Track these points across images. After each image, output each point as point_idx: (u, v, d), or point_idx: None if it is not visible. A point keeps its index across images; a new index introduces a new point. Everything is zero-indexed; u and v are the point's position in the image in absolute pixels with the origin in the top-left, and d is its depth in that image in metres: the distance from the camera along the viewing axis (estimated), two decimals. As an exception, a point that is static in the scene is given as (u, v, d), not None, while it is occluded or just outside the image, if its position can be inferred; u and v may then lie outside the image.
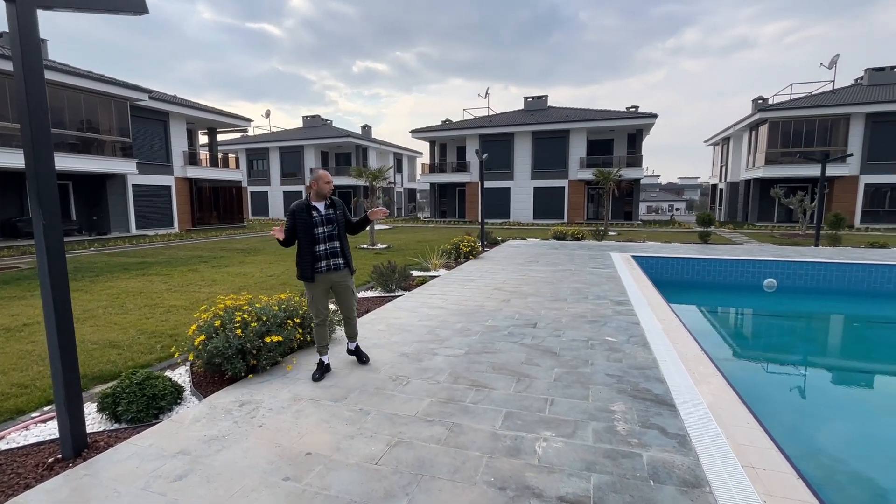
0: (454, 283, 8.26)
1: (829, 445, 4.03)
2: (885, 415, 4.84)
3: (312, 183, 3.91)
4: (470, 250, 11.37)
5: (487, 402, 3.38)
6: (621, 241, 16.81)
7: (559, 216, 29.85)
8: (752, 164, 28.62)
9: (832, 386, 5.81)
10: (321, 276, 3.88)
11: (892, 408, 5.07)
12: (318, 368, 3.96)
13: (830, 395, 5.40)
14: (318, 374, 3.90)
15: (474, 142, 31.23)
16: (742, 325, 9.04)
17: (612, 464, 2.58)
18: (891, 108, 24.62)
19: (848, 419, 4.75)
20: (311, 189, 3.91)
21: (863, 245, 14.87)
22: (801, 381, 5.88)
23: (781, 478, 2.44)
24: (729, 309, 10.23)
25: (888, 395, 5.63)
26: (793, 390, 5.57)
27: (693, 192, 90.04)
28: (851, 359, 6.98)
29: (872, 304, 9.77)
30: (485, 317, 5.86)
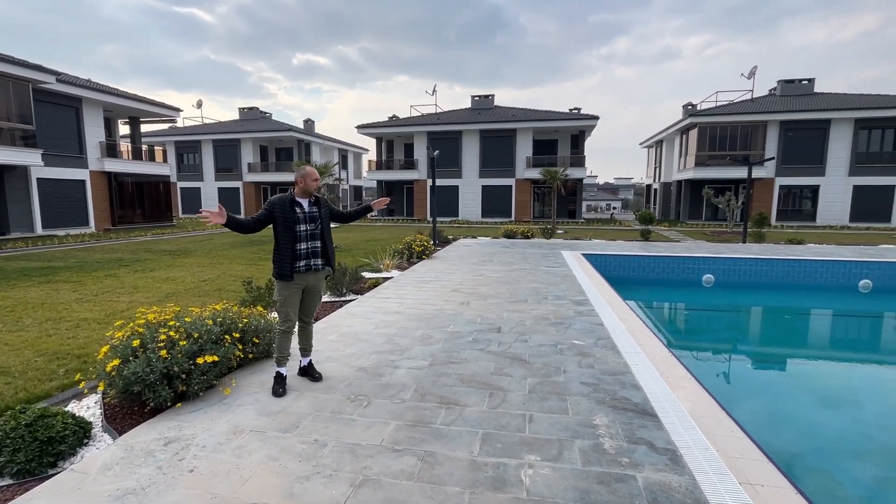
0: (409, 285, 7.85)
1: (797, 434, 4.09)
2: (837, 398, 5.06)
3: (299, 180, 3.59)
4: (423, 250, 11.00)
5: (461, 423, 3.04)
6: (569, 239, 17.15)
7: (507, 215, 30.19)
8: (683, 166, 30.48)
9: (785, 373, 6.05)
10: (299, 276, 3.54)
11: (839, 392, 5.33)
12: (279, 382, 3.52)
13: (786, 383, 5.60)
14: (281, 389, 3.48)
15: (422, 139, 30.83)
16: (694, 321, 9.37)
17: (608, 491, 2.32)
18: (800, 117, 27.13)
19: (808, 406, 4.90)
20: (297, 186, 3.60)
21: (783, 241, 16.13)
22: (760, 373, 6.08)
23: (781, 494, 2.30)
24: (678, 305, 10.62)
25: (832, 380, 5.94)
26: (756, 383, 5.72)
27: (627, 191, 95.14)
28: (795, 347, 7.37)
29: (799, 296, 10.51)
30: (445, 322, 5.52)
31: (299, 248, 3.52)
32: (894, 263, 10.82)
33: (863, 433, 4.33)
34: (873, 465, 3.76)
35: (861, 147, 27.15)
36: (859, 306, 9.95)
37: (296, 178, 3.62)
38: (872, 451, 3.99)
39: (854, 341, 8.05)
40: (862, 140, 27.17)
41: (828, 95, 30.15)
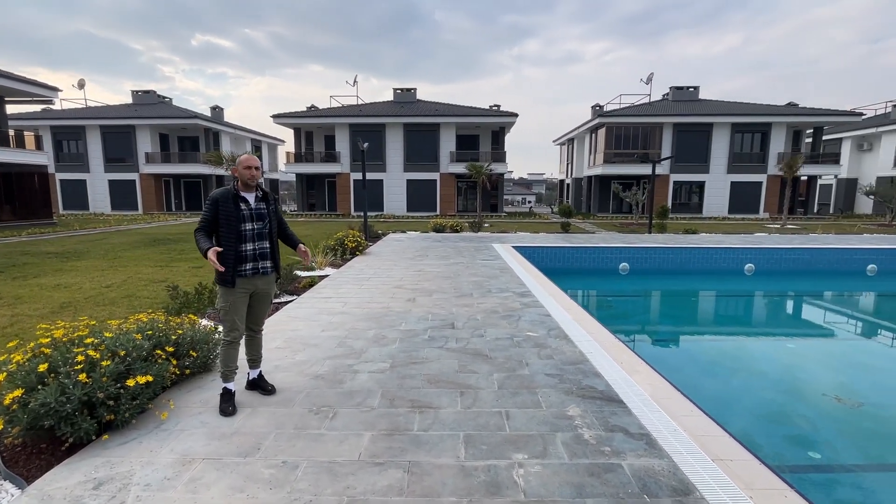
0: (348, 282, 7.50)
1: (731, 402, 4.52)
2: (750, 367, 5.70)
3: (234, 170, 3.18)
4: (356, 246, 10.60)
5: (439, 427, 2.92)
6: (496, 232, 17.61)
7: (432, 209, 30.27)
8: (593, 163, 32.76)
9: (709, 348, 6.70)
10: (244, 281, 3.14)
11: (748, 361, 6.02)
12: (227, 399, 3.13)
13: (710, 357, 6.20)
14: (231, 407, 3.10)
15: (344, 131, 29.75)
16: (622, 307, 10.06)
17: (600, 483, 2.35)
18: (689, 121, 30.42)
19: (731, 375, 5.46)
20: (234, 177, 3.19)
21: (681, 231, 18.00)
22: (691, 350, 6.67)
23: (748, 466, 2.49)
24: (605, 292, 11.34)
25: (740, 351, 6.70)
26: (689, 360, 6.25)
27: (540, 186, 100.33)
28: (705, 325, 8.21)
29: (699, 279, 11.78)
30: (396, 320, 5.33)
31: (245, 249, 3.13)
32: (771, 249, 12.56)
33: (769, 395, 4.93)
34: (789, 419, 4.29)
35: (736, 148, 31.14)
36: (746, 286, 11.38)
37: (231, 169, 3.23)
38: (782, 406, 4.56)
39: (745, 316, 9.20)
40: (737, 142, 31.16)
41: (710, 102, 34.14)
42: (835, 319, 8.82)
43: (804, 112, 30.56)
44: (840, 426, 4.33)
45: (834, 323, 8.58)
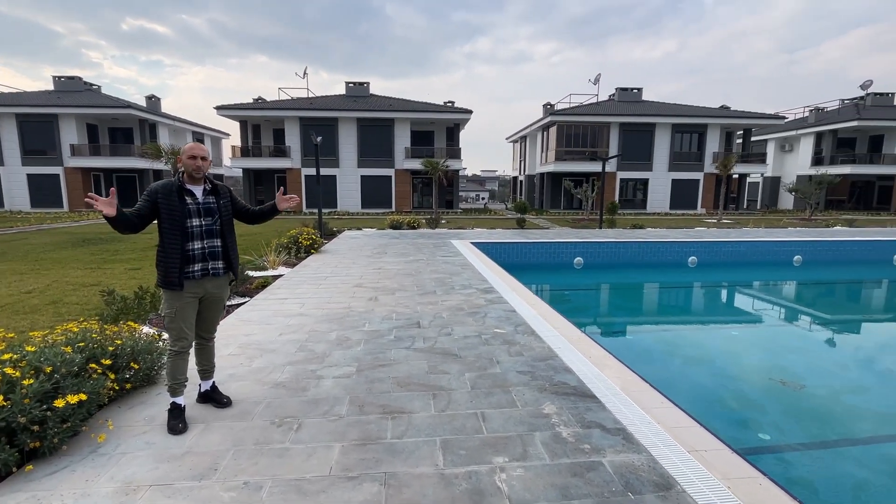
0: (305, 282, 7.15)
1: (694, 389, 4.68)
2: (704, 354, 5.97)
3: (178, 159, 2.95)
4: (311, 243, 10.17)
5: (413, 433, 2.78)
6: (453, 228, 17.58)
7: (387, 205, 29.83)
8: (545, 160, 33.54)
9: (666, 338, 6.95)
10: (192, 284, 2.84)
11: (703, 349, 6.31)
12: (176, 415, 2.83)
13: (669, 347, 6.42)
14: (181, 424, 2.79)
15: (294, 124, 28.61)
16: (579, 300, 10.28)
17: (584, 483, 2.30)
18: (633, 121, 31.82)
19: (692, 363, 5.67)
20: (179, 169, 2.88)
21: (629, 227, 18.77)
22: (649, 341, 6.88)
23: (721, 455, 2.54)
24: (563, 286, 11.57)
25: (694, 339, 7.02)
26: (649, 350, 6.44)
27: (493, 183, 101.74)
28: (659, 314, 8.55)
29: (648, 271, 12.31)
30: (359, 321, 5.11)
31: (192, 248, 2.82)
32: (711, 243, 13.35)
33: (722, 381, 5.18)
34: (741, 403, 4.51)
35: (676, 148, 32.93)
36: (691, 278, 12.02)
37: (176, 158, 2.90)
38: (734, 391, 4.79)
39: (693, 307, 9.70)
40: (677, 142, 32.95)
41: (652, 103, 35.88)
42: (770, 307, 9.48)
43: (735, 115, 32.81)
44: (787, 407, 4.61)
45: (769, 310, 9.21)
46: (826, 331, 7.91)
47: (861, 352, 6.86)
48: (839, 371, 5.88)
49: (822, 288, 11.49)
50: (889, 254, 13.25)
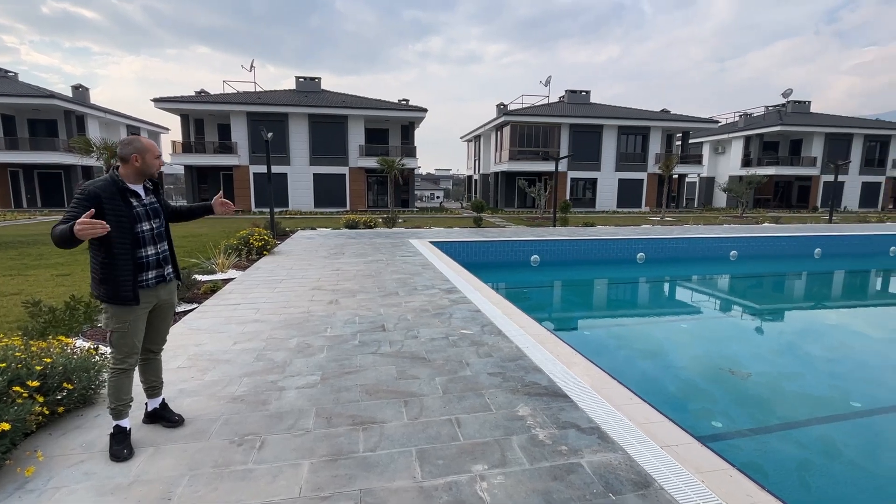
0: (259, 286, 6.78)
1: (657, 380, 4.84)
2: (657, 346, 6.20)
3: (134, 157, 2.51)
4: (263, 245, 9.69)
5: (387, 444, 2.65)
6: (410, 227, 17.42)
7: (341, 204, 29.11)
8: (499, 160, 34.02)
9: (625, 332, 7.17)
10: (147, 293, 2.59)
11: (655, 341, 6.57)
12: (120, 440, 2.54)
13: (628, 341, 6.63)
14: (126, 449, 2.51)
15: (242, 120, 27.22)
16: (541, 297, 10.44)
17: (566, 486, 2.28)
18: (583, 122, 32.93)
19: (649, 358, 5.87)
20: (126, 166, 2.53)
21: (581, 224, 19.39)
22: (611, 335, 7.06)
23: (691, 449, 2.60)
24: (523, 284, 11.72)
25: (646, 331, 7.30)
26: (611, 345, 6.60)
27: (447, 182, 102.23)
28: (616, 308, 8.85)
29: (601, 267, 12.74)
30: (320, 326, 4.89)
31: (145, 254, 2.57)
32: (657, 239, 14.02)
33: (677, 373, 5.41)
34: (697, 393, 4.72)
35: (622, 148, 34.43)
36: (640, 273, 12.57)
37: (122, 153, 2.57)
38: (689, 382, 5.01)
39: (644, 301, 10.14)
40: (622, 143, 34.46)
41: (600, 106, 37.32)
42: (711, 300, 10.07)
43: (674, 118, 34.74)
44: (737, 395, 4.87)
45: (713, 303, 9.79)
46: (764, 320, 8.50)
47: (794, 339, 7.41)
48: (778, 358, 6.32)
49: (757, 280, 12.36)
50: (811, 248, 14.49)
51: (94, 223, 2.18)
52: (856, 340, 7.31)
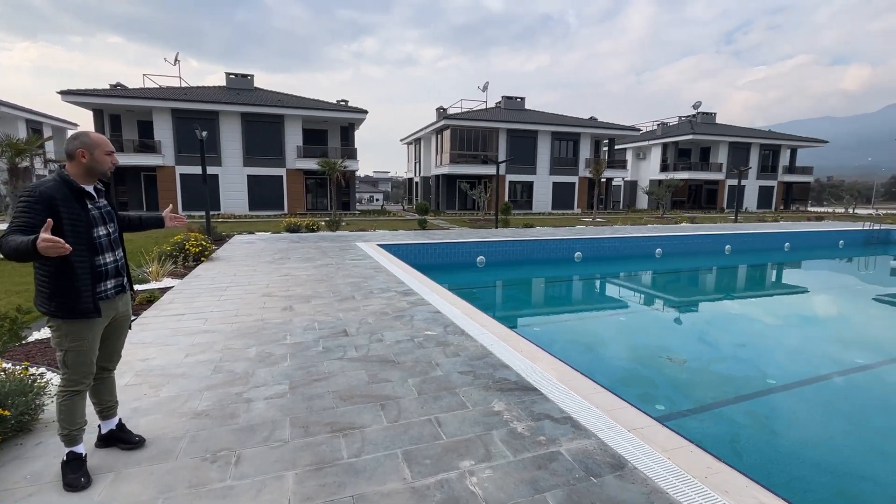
0: (202, 294, 6.37)
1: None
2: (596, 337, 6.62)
3: (81, 153, 2.27)
4: (201, 250, 9.09)
5: (371, 448, 2.64)
6: (355, 230, 17.11)
7: (279, 207, 27.89)
8: (440, 163, 34.35)
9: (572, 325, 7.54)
10: (107, 306, 2.40)
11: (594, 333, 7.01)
12: (75, 468, 2.31)
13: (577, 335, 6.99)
14: (83, 478, 2.29)
15: (165, 117, 25.19)
16: (492, 297, 10.68)
17: (550, 474, 2.41)
18: (519, 127, 34.15)
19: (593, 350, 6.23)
20: (74, 163, 2.29)
21: (521, 226, 20.10)
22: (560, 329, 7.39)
23: (655, 430, 2.85)
24: (473, 284, 11.92)
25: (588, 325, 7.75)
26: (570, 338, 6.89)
27: (386, 184, 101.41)
28: (558, 304, 9.28)
29: (544, 266, 13.32)
30: (278, 333, 4.70)
31: (103, 262, 2.37)
32: (591, 239, 14.91)
33: (621, 363, 5.83)
34: (644, 379, 5.11)
35: (556, 153, 36.13)
36: (577, 271, 13.29)
37: (68, 149, 2.33)
38: (635, 370, 5.42)
39: (583, 297, 10.75)
40: (556, 148, 36.18)
41: (534, 112, 38.90)
42: (643, 294, 10.90)
43: (601, 126, 37.05)
44: (678, 379, 5.34)
45: (644, 297, 10.59)
46: (690, 311, 9.34)
47: (717, 326, 8.23)
48: (706, 344, 6.99)
49: (681, 275, 13.53)
50: (722, 245, 16.12)
51: (58, 242, 1.92)
52: (766, 325, 8.26)
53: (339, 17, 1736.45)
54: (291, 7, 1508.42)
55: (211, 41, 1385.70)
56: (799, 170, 44.27)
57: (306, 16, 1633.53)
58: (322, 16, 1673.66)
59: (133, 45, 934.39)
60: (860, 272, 14.50)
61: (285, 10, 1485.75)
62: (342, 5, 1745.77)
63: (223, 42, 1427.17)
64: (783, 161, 43.39)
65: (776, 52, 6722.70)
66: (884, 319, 8.97)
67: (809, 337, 7.57)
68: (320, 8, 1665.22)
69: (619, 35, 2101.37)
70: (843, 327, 8.33)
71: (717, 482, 2.33)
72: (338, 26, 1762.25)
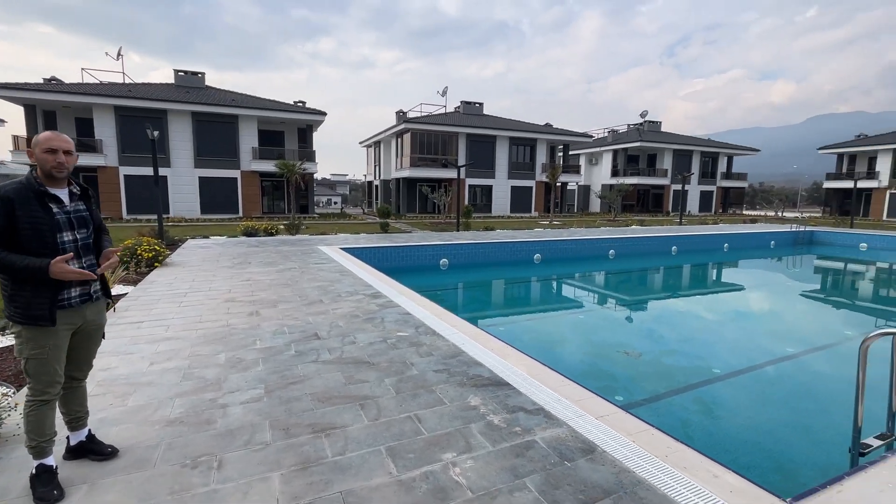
0: (160, 301, 6.12)
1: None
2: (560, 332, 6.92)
3: (29, 152, 2.24)
4: (154, 255, 8.69)
5: (355, 447, 2.70)
6: (315, 234, 16.83)
7: (233, 210, 26.88)
8: (400, 166, 34.33)
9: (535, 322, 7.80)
10: (69, 314, 2.30)
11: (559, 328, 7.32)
12: (47, 482, 2.24)
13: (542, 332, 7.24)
14: (56, 490, 2.22)
15: (108, 114, 23.68)
16: (455, 298, 10.81)
17: (528, 461, 2.57)
18: (478, 132, 34.71)
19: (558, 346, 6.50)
20: (32, 165, 2.27)
21: (482, 229, 20.47)
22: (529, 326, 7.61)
23: (619, 417, 3.08)
24: (435, 286, 12.02)
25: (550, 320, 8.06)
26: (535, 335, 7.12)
27: (344, 187, 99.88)
28: (528, 304, 9.57)
29: (505, 268, 13.65)
30: (247, 339, 4.63)
31: None
32: (550, 241, 15.44)
33: (581, 357, 6.15)
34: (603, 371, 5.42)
35: (513, 158, 37.01)
36: (537, 272, 13.73)
37: (29, 149, 2.30)
38: (596, 363, 5.74)
39: (547, 296, 11.15)
40: (514, 153, 37.07)
41: (492, 117, 39.67)
42: (599, 293, 11.43)
43: (556, 132, 38.34)
44: (635, 370, 5.69)
45: (600, 295, 11.12)
46: (642, 308, 9.91)
47: (667, 321, 8.79)
48: (657, 338, 7.46)
49: (633, 274, 14.27)
50: (669, 245, 17.14)
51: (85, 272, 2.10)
52: (710, 319, 8.92)
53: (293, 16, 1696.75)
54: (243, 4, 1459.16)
55: (154, 35, 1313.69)
56: (735, 176, 47.69)
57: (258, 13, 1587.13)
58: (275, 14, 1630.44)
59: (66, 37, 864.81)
60: (789, 270, 15.86)
61: (235, 6, 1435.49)
62: (296, 4, 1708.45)
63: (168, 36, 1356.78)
64: (721, 167, 46.55)
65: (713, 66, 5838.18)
66: (809, 313, 9.90)
67: (747, 330, 8.24)
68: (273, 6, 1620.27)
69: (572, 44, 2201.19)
70: (775, 320, 9.12)
71: (676, 460, 2.57)
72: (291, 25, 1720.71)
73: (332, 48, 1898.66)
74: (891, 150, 37.53)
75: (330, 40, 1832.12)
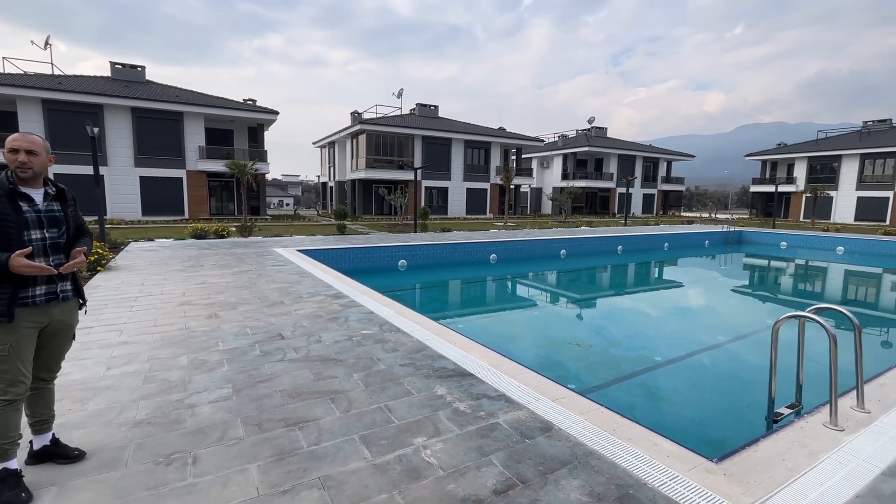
0: (108, 305, 5.87)
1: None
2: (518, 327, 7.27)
3: (3, 153, 2.31)
4: (97, 259, 8.25)
5: (329, 437, 2.82)
6: (269, 236, 16.42)
7: (178, 212, 25.56)
8: (355, 167, 34.00)
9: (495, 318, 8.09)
10: (33, 312, 2.28)
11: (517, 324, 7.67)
12: (12, 484, 2.21)
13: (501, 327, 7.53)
14: (24, 493, 2.20)
15: (34, 108, 21.82)
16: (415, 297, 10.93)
17: (492, 441, 2.79)
18: (434, 134, 35.03)
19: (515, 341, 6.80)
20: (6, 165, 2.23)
21: (439, 230, 20.72)
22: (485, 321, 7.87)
23: (573, 399, 3.38)
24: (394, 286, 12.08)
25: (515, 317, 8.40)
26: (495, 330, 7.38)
27: (296, 188, 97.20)
28: (482, 304, 9.87)
29: (462, 268, 13.96)
30: (208, 340, 4.58)
31: None
32: (505, 242, 15.93)
33: (538, 350, 6.51)
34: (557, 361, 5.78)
35: (469, 161, 37.62)
36: (493, 271, 14.15)
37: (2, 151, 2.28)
38: (550, 354, 6.10)
39: (503, 294, 11.54)
40: (469, 156, 37.69)
41: (447, 120, 40.13)
42: (551, 290, 11.98)
43: (509, 136, 39.38)
44: (586, 360, 6.11)
45: (552, 292, 11.66)
46: (591, 304, 10.50)
47: (613, 316, 9.39)
48: (604, 332, 7.99)
49: (582, 272, 15.01)
50: (616, 245, 18.14)
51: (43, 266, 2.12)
52: (652, 313, 9.61)
53: (240, 10, 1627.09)
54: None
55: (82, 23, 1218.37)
56: (674, 180, 50.91)
57: (201, 5, 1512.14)
58: (220, 7, 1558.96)
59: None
60: (721, 267, 17.25)
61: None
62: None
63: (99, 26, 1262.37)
64: (661, 172, 49.55)
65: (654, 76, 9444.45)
66: (736, 305, 10.88)
67: (684, 322, 8.97)
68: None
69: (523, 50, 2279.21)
70: (707, 313, 9.97)
71: (623, 432, 2.89)
72: (238, 19, 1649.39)
73: (281, 45, 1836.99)
74: (806, 157, 41.54)
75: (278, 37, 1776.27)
